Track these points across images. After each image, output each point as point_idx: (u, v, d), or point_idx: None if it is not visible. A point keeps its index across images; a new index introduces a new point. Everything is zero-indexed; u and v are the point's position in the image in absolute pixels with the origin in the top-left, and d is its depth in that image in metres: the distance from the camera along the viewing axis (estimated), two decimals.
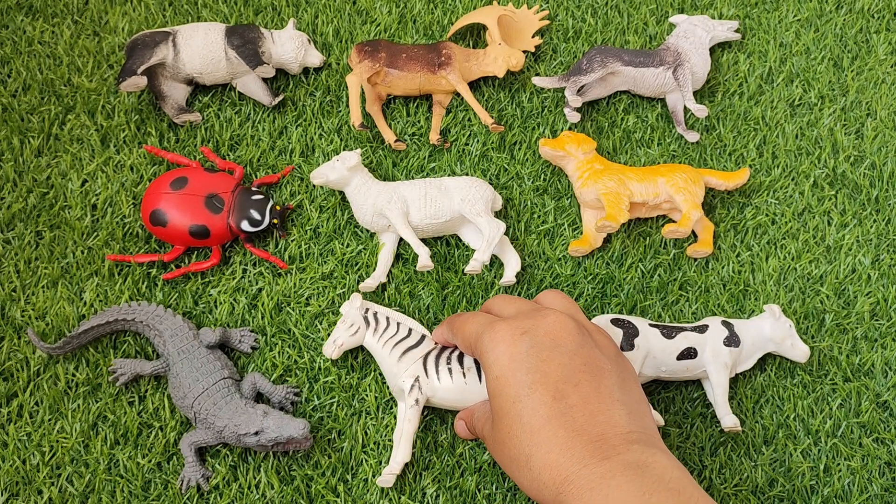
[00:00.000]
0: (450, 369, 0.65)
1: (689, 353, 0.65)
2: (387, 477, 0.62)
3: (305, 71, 0.85)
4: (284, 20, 0.87)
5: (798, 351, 0.68)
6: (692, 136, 0.81)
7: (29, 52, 0.85)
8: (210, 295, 0.73)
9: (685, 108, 0.84)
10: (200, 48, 0.78)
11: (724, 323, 0.67)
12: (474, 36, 0.88)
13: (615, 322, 0.65)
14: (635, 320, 0.66)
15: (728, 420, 0.65)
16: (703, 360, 0.66)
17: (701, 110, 0.80)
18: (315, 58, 0.82)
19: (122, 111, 0.81)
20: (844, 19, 0.90)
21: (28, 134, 0.80)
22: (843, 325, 0.73)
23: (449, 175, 0.79)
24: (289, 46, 0.81)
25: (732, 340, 0.66)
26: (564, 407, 0.46)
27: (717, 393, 0.66)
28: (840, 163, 0.81)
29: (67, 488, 0.64)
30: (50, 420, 0.67)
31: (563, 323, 0.50)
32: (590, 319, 0.61)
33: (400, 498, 0.65)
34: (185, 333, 0.67)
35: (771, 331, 0.68)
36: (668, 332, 0.65)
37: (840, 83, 0.86)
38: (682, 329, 0.66)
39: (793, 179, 0.81)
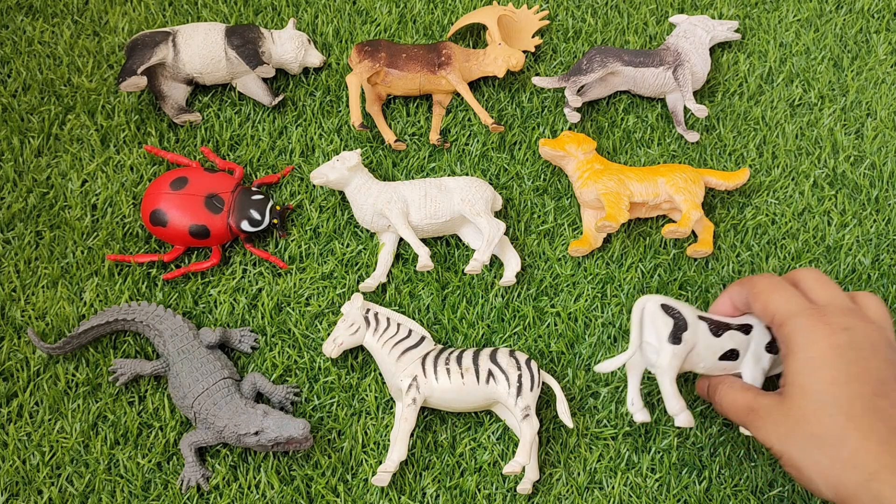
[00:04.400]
0: (448, 370, 0.65)
1: (731, 355, 0.60)
2: (382, 475, 0.62)
3: (305, 71, 0.85)
4: (284, 20, 0.87)
5: None
6: (692, 136, 0.81)
7: (29, 51, 0.85)
8: (210, 295, 0.73)
9: (685, 108, 0.84)
10: (200, 48, 0.78)
11: (767, 326, 0.61)
12: (474, 36, 0.88)
13: (665, 309, 0.58)
14: (685, 309, 0.59)
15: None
16: (741, 363, 0.60)
17: (701, 110, 0.80)
18: (315, 58, 0.82)
19: (122, 111, 0.81)
20: (844, 19, 0.90)
21: (28, 134, 0.80)
22: None
23: (449, 175, 0.79)
24: (289, 46, 0.81)
25: (772, 346, 0.60)
26: (885, 405, 0.47)
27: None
28: (840, 163, 0.81)
29: (67, 488, 0.64)
30: (50, 420, 0.67)
31: (881, 334, 0.51)
32: (625, 307, 0.64)
33: (400, 498, 0.65)
34: (185, 333, 0.67)
35: None
36: (716, 329, 0.59)
37: (840, 83, 0.86)
38: (729, 327, 0.60)
39: (793, 179, 0.81)
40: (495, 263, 0.75)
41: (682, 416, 0.58)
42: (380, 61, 0.79)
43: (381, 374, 0.69)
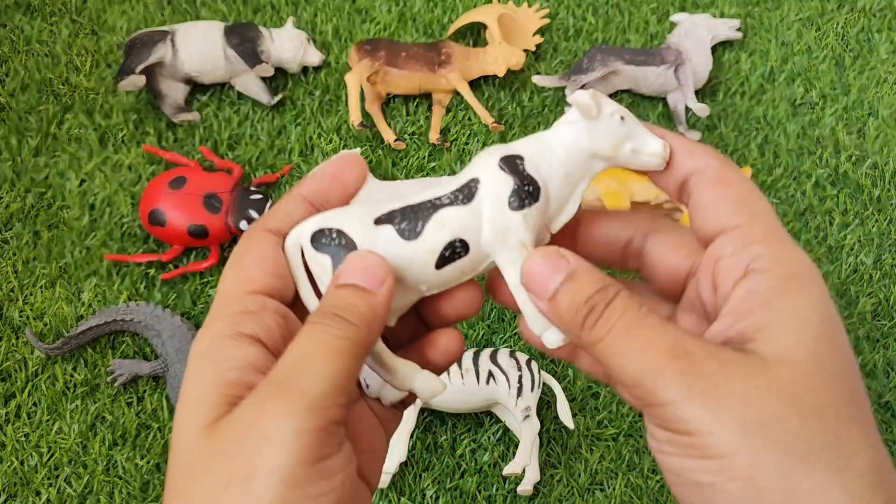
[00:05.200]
0: (447, 370, 0.65)
1: (454, 252, 0.31)
2: (381, 477, 0.62)
3: (304, 70, 0.84)
4: (283, 19, 0.87)
5: (643, 157, 0.31)
6: (694, 136, 0.81)
7: (27, 51, 0.84)
8: (209, 295, 0.72)
9: (686, 107, 0.83)
10: (199, 47, 0.78)
11: (505, 163, 0.31)
12: (474, 35, 0.88)
13: (318, 242, 0.30)
14: (350, 220, 0.31)
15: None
16: (482, 249, 0.31)
17: (702, 109, 0.80)
18: (314, 56, 0.82)
19: (121, 110, 0.81)
20: (846, 18, 0.90)
21: (26, 133, 0.79)
22: (845, 325, 0.73)
23: (449, 174, 0.79)
24: (288, 45, 0.80)
25: (525, 193, 0.30)
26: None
27: (523, 308, 0.31)
28: (842, 162, 0.81)
29: (66, 489, 0.64)
30: (48, 421, 0.67)
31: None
32: None
33: (399, 499, 0.64)
34: (183, 334, 0.67)
35: (590, 139, 0.31)
36: (411, 226, 0.30)
37: (842, 82, 0.86)
38: (434, 207, 0.31)
39: (795, 179, 0.80)
40: None
41: (420, 380, 0.31)
42: (379, 60, 0.79)
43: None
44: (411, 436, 0.67)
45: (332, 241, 0.30)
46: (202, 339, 0.27)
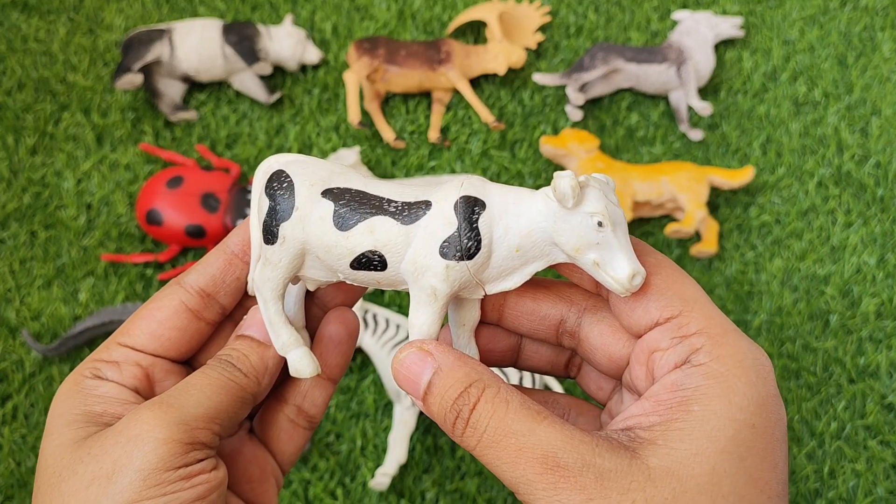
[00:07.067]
0: None
1: (371, 263, 0.30)
2: (381, 479, 0.61)
3: (303, 68, 0.84)
4: (282, 16, 0.86)
5: (603, 276, 0.29)
6: (696, 135, 0.80)
7: (24, 49, 0.84)
8: None
9: (689, 105, 0.83)
10: (197, 45, 0.77)
11: (463, 204, 0.29)
12: (475, 32, 0.87)
13: (272, 181, 0.31)
14: (312, 172, 0.31)
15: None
16: (399, 272, 0.30)
17: (704, 108, 0.79)
18: (313, 54, 0.81)
19: (118, 109, 0.80)
20: (849, 16, 0.89)
21: (23, 132, 0.79)
22: (848, 325, 0.72)
23: (449, 173, 0.78)
24: (286, 43, 0.80)
25: (461, 246, 0.29)
26: None
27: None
28: (845, 162, 0.80)
29: None
30: (45, 422, 0.66)
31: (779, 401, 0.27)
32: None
33: (399, 501, 0.64)
34: None
35: (553, 227, 0.29)
36: (349, 214, 0.30)
37: (845, 81, 0.85)
38: (379, 209, 0.30)
39: (797, 178, 0.80)
40: None
41: (293, 355, 0.32)
42: (378, 58, 0.78)
43: (379, 376, 0.69)
44: (411, 438, 0.66)
45: (280, 190, 0.31)
46: (67, 380, 0.30)
